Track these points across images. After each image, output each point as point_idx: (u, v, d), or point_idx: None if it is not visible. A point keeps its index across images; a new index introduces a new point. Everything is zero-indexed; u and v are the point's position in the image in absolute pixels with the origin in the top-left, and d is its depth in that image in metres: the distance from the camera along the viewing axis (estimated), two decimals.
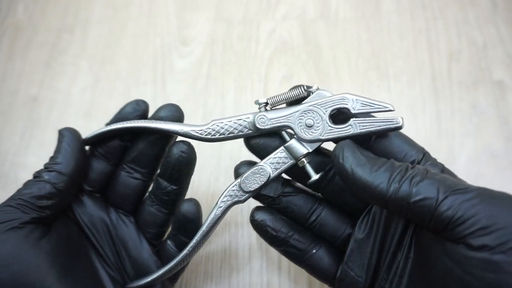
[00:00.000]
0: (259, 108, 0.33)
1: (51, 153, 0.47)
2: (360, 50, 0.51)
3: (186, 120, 0.49)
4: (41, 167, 0.46)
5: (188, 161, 0.34)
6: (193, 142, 0.34)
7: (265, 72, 0.51)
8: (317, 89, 0.32)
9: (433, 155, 0.46)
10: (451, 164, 0.45)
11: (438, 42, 0.51)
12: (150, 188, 0.37)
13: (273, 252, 0.41)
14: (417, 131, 0.47)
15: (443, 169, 0.31)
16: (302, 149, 0.31)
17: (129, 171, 0.35)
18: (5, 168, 0.48)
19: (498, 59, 0.49)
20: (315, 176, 0.31)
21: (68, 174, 0.32)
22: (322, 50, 0.52)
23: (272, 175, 0.31)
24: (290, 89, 0.32)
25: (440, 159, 0.45)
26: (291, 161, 0.31)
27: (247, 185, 0.32)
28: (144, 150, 0.35)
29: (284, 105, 0.33)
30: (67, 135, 0.34)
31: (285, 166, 0.31)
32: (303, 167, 0.31)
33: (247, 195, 0.32)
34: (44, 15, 0.56)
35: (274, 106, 0.33)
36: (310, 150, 0.31)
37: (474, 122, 0.47)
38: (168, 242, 0.36)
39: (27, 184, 0.31)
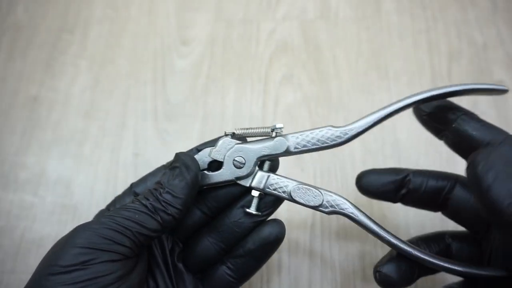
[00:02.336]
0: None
1: (51, 153, 0.46)
2: (360, 50, 0.51)
3: (186, 120, 0.49)
4: (41, 167, 0.46)
5: (277, 243, 0.32)
6: None
7: (265, 72, 0.51)
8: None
9: (433, 155, 0.46)
10: (451, 164, 0.45)
11: (438, 42, 0.51)
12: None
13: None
14: (417, 131, 0.47)
15: None
16: None
17: (199, 203, 0.33)
18: (5, 168, 0.48)
19: (498, 59, 0.49)
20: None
21: (179, 221, 0.29)
22: (322, 50, 0.52)
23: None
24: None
25: (440, 159, 0.46)
26: None
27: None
28: (225, 193, 0.33)
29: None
30: (193, 169, 0.30)
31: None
32: None
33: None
34: (44, 15, 0.56)
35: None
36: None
37: None
38: (224, 268, 0.33)
39: (137, 213, 0.27)
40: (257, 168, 0.32)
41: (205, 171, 0.32)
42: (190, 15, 0.55)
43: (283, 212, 0.43)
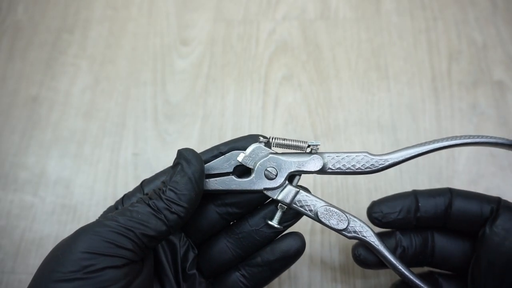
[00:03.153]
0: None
1: (51, 153, 0.47)
2: (360, 50, 0.51)
3: (186, 120, 0.49)
4: (41, 167, 0.46)
5: (297, 257, 0.32)
6: None
7: (265, 72, 0.51)
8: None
9: (433, 155, 0.46)
10: (451, 164, 0.45)
11: (438, 42, 0.51)
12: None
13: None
14: (417, 131, 0.47)
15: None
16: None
17: (219, 206, 0.32)
18: (5, 168, 0.48)
19: (498, 59, 0.49)
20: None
21: (185, 219, 0.28)
22: (322, 50, 0.52)
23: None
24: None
25: (440, 159, 0.46)
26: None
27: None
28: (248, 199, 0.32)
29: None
30: (195, 164, 0.28)
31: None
32: None
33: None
34: (44, 15, 0.56)
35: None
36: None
37: (474, 122, 0.47)
38: (238, 275, 0.32)
39: (139, 213, 0.26)
40: (287, 181, 0.31)
41: (233, 176, 0.31)
42: (190, 15, 0.55)
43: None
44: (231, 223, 0.33)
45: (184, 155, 0.29)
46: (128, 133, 0.49)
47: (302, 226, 0.43)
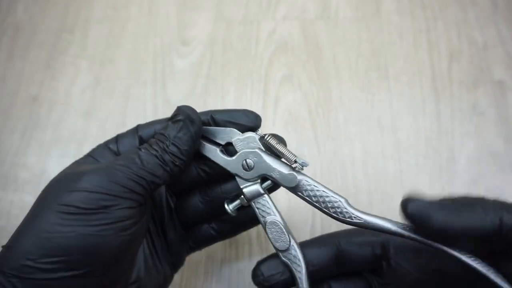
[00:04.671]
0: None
1: (51, 153, 0.47)
2: (360, 50, 0.51)
3: None
4: (41, 167, 0.46)
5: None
6: None
7: (265, 72, 0.51)
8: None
9: (433, 155, 0.46)
10: (451, 164, 0.45)
11: (438, 42, 0.51)
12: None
13: (273, 252, 0.41)
14: (417, 131, 0.47)
15: None
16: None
17: (199, 164, 0.34)
18: (5, 168, 0.48)
19: (498, 59, 0.49)
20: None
21: (183, 170, 0.31)
22: (322, 50, 0.52)
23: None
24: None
25: (440, 159, 0.46)
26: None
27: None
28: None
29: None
30: (197, 123, 0.31)
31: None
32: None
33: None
34: (44, 15, 0.56)
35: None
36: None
37: (474, 122, 0.47)
38: (207, 226, 0.35)
39: (149, 163, 0.28)
40: (259, 180, 0.32)
41: (218, 149, 0.32)
42: (190, 15, 0.55)
43: (283, 211, 0.43)
44: (207, 183, 0.35)
45: (187, 114, 0.30)
46: None
47: (302, 223, 0.43)
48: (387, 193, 0.44)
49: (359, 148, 0.46)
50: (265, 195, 0.32)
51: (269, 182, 0.32)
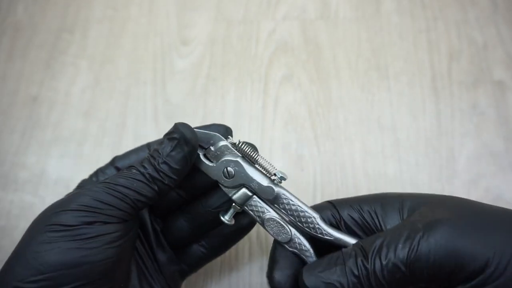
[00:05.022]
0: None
1: (51, 153, 0.47)
2: (360, 50, 0.51)
3: (185, 120, 0.49)
4: (41, 167, 0.46)
5: (250, 228, 0.35)
6: None
7: (265, 72, 0.51)
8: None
9: (433, 155, 0.46)
10: (451, 164, 0.45)
11: (438, 42, 0.51)
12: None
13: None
14: (417, 131, 0.47)
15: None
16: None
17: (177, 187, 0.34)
18: (5, 168, 0.48)
19: (498, 59, 0.49)
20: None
21: (173, 188, 0.31)
22: (322, 50, 0.52)
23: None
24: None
25: (440, 159, 0.46)
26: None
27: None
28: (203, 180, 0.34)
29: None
30: (191, 143, 0.30)
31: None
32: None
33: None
34: (44, 15, 0.56)
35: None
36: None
37: (474, 122, 0.47)
38: (197, 245, 0.36)
39: (135, 181, 0.29)
40: (242, 186, 0.32)
41: (201, 153, 0.32)
42: (190, 15, 0.55)
43: None
44: (188, 202, 0.35)
45: (183, 133, 0.30)
46: (128, 133, 0.49)
47: None
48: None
49: (359, 148, 0.46)
50: (254, 196, 0.32)
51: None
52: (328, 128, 0.48)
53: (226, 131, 0.34)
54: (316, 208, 0.32)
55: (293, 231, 0.31)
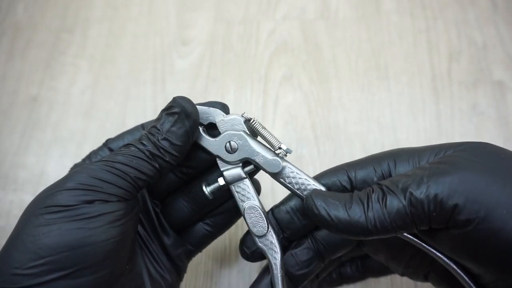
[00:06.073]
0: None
1: (51, 153, 0.47)
2: (360, 50, 0.51)
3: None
4: (41, 167, 0.46)
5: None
6: None
7: (265, 72, 0.51)
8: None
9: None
10: None
11: (438, 42, 0.51)
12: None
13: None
14: (417, 131, 0.47)
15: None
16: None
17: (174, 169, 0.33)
18: (5, 168, 0.48)
19: (498, 59, 0.49)
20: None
21: (175, 166, 0.29)
22: (322, 50, 0.52)
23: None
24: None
25: None
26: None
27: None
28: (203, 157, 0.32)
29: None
30: (193, 117, 0.29)
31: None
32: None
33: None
34: (44, 15, 0.56)
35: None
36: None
37: (474, 122, 0.47)
38: (201, 224, 0.35)
39: (135, 158, 0.27)
40: (241, 164, 0.31)
41: (201, 128, 0.31)
42: (190, 15, 0.55)
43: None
44: (187, 183, 0.34)
45: (183, 107, 0.29)
46: None
47: None
48: None
49: (359, 148, 0.46)
50: (246, 180, 0.31)
51: (251, 166, 0.31)
52: (328, 128, 0.48)
53: (223, 108, 0.32)
54: (331, 171, 0.31)
55: (270, 228, 0.31)
